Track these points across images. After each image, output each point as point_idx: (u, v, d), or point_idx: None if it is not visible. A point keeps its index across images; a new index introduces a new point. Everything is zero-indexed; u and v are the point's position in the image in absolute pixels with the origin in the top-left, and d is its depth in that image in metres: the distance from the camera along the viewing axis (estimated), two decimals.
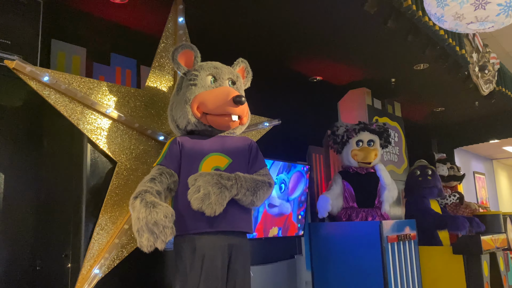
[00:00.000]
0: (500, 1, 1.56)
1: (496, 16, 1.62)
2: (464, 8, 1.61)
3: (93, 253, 1.89)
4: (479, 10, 1.59)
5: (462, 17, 1.66)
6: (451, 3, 1.61)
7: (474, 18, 1.64)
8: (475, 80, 3.41)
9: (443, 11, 1.67)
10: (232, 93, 1.94)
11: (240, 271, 1.92)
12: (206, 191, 1.74)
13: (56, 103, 1.89)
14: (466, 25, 1.71)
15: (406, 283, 3.51)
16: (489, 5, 1.57)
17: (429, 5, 1.76)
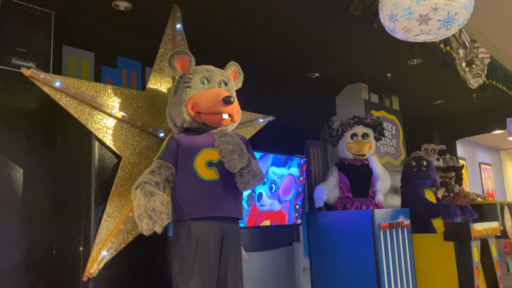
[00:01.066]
0: (440, 17, 1.77)
1: (438, 30, 1.83)
2: (411, 23, 1.82)
3: (101, 237, 2.14)
4: (423, 25, 1.81)
5: (410, 30, 1.87)
6: (400, 19, 1.82)
7: (420, 31, 1.85)
8: (462, 74, 3.56)
9: (394, 25, 1.89)
10: (223, 94, 2.16)
11: (232, 253, 2.15)
12: (234, 148, 1.98)
13: (67, 105, 2.13)
14: (414, 37, 1.93)
15: (398, 268, 3.71)
16: (431, 21, 1.79)
17: (383, 19, 1.97)
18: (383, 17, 1.98)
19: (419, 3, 1.74)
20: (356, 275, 3.59)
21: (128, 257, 2.23)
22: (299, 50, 3.95)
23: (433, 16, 1.77)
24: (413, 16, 1.79)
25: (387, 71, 4.54)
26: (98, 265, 2.09)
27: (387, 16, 1.92)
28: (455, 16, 1.79)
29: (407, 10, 1.78)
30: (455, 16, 1.79)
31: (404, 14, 1.80)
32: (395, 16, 1.85)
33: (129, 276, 2.23)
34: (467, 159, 8.73)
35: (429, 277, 3.96)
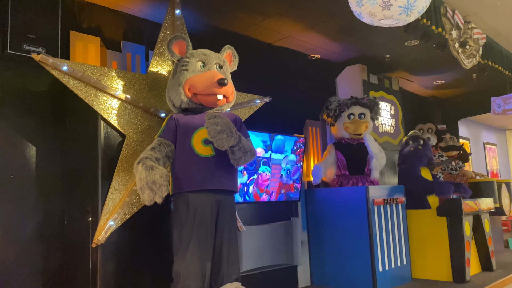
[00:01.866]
0: (401, 3, 1.90)
1: (399, 15, 1.96)
2: (375, 8, 1.95)
3: (108, 209, 2.35)
4: (385, 10, 1.94)
5: (374, 15, 2.00)
6: (366, 4, 1.95)
7: (383, 16, 1.98)
8: (455, 55, 3.66)
9: (360, 9, 2.02)
10: (217, 76, 2.32)
11: (227, 222, 2.35)
12: (222, 128, 2.15)
13: (74, 87, 2.32)
14: (378, 21, 2.06)
15: (392, 242, 3.89)
16: (392, 7, 1.92)
17: (351, 4, 2.10)
18: (350, 2, 2.12)
19: None
20: (351, 247, 3.78)
21: (133, 227, 2.44)
22: (300, 33, 4.07)
23: (394, 2, 1.90)
24: (377, 1, 1.92)
25: (386, 53, 4.65)
26: (106, 234, 2.30)
27: (354, 1, 2.05)
28: (415, 3, 1.92)
29: None
30: (415, 3, 1.92)
31: (369, 0, 1.93)
32: (361, 1, 1.98)
33: (133, 243, 2.44)
34: (471, 139, 8.78)
35: (423, 250, 4.13)
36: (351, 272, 3.78)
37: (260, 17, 3.67)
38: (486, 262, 4.39)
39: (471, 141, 8.78)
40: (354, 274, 3.75)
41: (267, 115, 3.73)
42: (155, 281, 2.48)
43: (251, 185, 3.42)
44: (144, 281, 2.46)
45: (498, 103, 4.06)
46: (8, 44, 2.52)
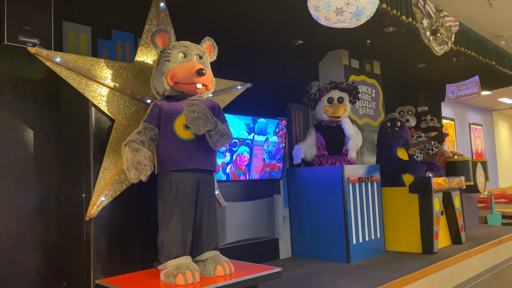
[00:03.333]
0: (351, 10, 2.16)
1: (350, 20, 2.23)
2: (330, 14, 2.22)
3: (100, 186, 2.61)
4: (339, 16, 2.20)
5: (329, 19, 2.26)
6: (322, 10, 2.21)
7: (337, 20, 2.23)
8: (426, 42, 3.88)
9: (318, 14, 2.27)
10: (197, 67, 2.56)
11: (206, 197, 2.62)
12: (198, 115, 2.39)
13: (67, 77, 2.55)
14: (333, 24, 2.31)
15: (366, 217, 4.21)
16: (345, 13, 2.18)
17: (310, 9, 2.35)
18: (310, 6, 2.37)
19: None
20: (328, 222, 4.10)
21: (122, 202, 2.71)
22: (284, 19, 4.26)
23: (346, 9, 2.16)
24: (331, 8, 2.18)
25: (367, 38, 4.85)
26: (98, 208, 2.57)
27: (312, 7, 2.31)
28: (363, 10, 2.18)
29: (327, 3, 2.17)
30: (363, 10, 2.18)
31: (325, 6, 2.19)
32: (318, 7, 2.24)
33: (123, 217, 2.72)
34: (456, 120, 9.06)
35: (396, 225, 4.46)
36: (328, 244, 4.11)
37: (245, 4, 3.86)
38: (455, 235, 4.73)
39: (456, 122, 9.05)
40: (331, 246, 4.08)
41: (251, 99, 3.98)
42: (143, 250, 2.77)
43: (229, 165, 3.70)
44: (133, 250, 2.75)
45: (452, 89, 4.32)
46: (5, 36, 2.74)
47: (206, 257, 2.58)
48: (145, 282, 2.43)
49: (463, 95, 4.30)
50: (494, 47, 5.50)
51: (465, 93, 4.28)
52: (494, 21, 4.78)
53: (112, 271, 2.63)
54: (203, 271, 2.53)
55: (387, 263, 3.88)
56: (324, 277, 3.44)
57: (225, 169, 3.68)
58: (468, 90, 4.25)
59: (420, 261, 3.90)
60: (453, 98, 4.42)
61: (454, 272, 4.04)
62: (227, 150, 3.65)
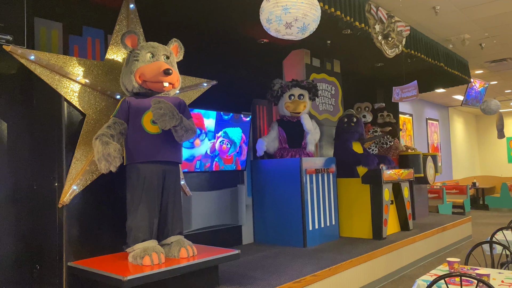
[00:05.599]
0: (298, 25, 2.47)
1: (297, 33, 2.54)
2: (280, 27, 2.51)
3: (71, 176, 2.82)
4: (288, 29, 2.50)
5: (279, 31, 2.56)
6: (273, 23, 2.50)
7: (286, 33, 2.53)
8: (378, 46, 4.24)
9: (269, 26, 2.56)
10: (164, 66, 2.79)
11: (171, 187, 2.87)
12: (165, 112, 2.62)
13: (40, 74, 2.73)
14: (281, 35, 2.61)
15: (322, 205, 4.56)
16: (293, 27, 2.49)
17: (262, 21, 2.64)
18: (262, 19, 2.66)
19: (286, 14, 2.42)
20: (287, 210, 4.43)
21: (93, 191, 2.92)
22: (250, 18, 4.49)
23: (294, 24, 2.45)
24: (282, 22, 2.47)
25: (327, 39, 5.16)
26: (70, 196, 2.78)
27: (265, 19, 2.60)
28: (308, 26, 2.50)
29: (278, 17, 2.46)
30: (308, 26, 2.49)
31: (276, 20, 2.48)
32: (270, 20, 2.52)
33: (94, 204, 2.94)
34: (414, 115, 9.59)
35: (350, 213, 4.84)
36: (287, 230, 4.43)
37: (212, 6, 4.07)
38: (404, 223, 5.16)
39: (414, 117, 9.58)
40: (289, 232, 4.41)
41: (218, 95, 4.23)
42: (112, 235, 2.99)
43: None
44: (103, 235, 2.97)
45: (397, 91, 4.74)
46: None
47: (171, 241, 2.84)
48: (114, 264, 2.66)
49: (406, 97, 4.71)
50: (443, 50, 5.95)
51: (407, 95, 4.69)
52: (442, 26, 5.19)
53: (83, 254, 2.85)
54: (168, 254, 2.79)
55: (339, 247, 4.24)
56: (282, 260, 3.76)
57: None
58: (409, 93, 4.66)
59: (370, 245, 4.28)
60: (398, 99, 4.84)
61: (400, 255, 4.46)
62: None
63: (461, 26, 5.26)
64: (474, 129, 13.47)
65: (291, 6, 2.37)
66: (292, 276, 3.18)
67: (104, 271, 2.45)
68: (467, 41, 5.46)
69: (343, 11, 3.76)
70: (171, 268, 2.55)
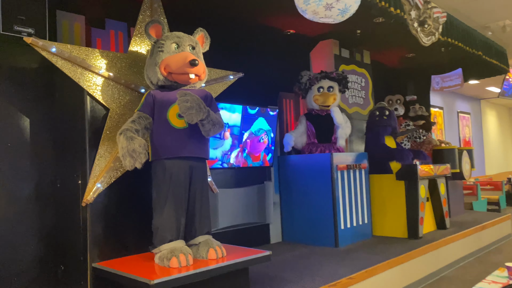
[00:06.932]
0: (340, 7, 2.25)
1: (336, 16, 2.32)
2: (319, 8, 2.30)
3: (95, 173, 2.70)
4: (327, 11, 2.28)
5: (317, 13, 2.34)
6: (312, 3, 2.29)
7: (324, 15, 2.32)
8: (414, 33, 3.98)
9: (306, 7, 2.35)
10: (189, 57, 2.63)
11: (198, 184, 2.72)
12: (192, 105, 2.48)
13: (62, 67, 2.62)
14: (318, 18, 2.39)
15: (354, 203, 4.34)
16: (333, 9, 2.26)
17: (297, 1, 2.42)
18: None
19: None
20: (317, 208, 4.23)
21: (118, 188, 2.80)
22: (275, 8, 4.32)
23: (336, 5, 2.25)
24: (322, 3, 2.26)
25: (357, 28, 4.92)
26: (94, 194, 2.66)
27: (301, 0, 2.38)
28: (350, 8, 2.29)
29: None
30: (350, 7, 2.28)
31: (315, 0, 2.26)
32: (308, 0, 2.31)
33: (119, 203, 2.82)
34: (445, 108, 9.21)
35: (383, 211, 4.60)
36: (317, 229, 4.24)
37: None
38: (440, 221, 4.89)
39: (445, 110, 9.20)
40: (320, 231, 4.22)
41: (243, 88, 4.06)
42: (138, 235, 2.87)
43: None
44: (128, 235, 2.85)
45: (437, 80, 4.45)
46: (1, 26, 2.78)
47: (199, 241, 2.69)
48: (140, 265, 2.54)
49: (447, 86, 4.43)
50: (481, 38, 5.62)
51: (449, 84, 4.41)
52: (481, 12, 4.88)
53: (108, 255, 2.73)
54: (196, 255, 2.64)
55: (373, 247, 4.03)
56: (313, 260, 3.58)
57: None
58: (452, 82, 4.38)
59: (405, 245, 4.05)
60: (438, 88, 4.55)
61: (438, 256, 4.21)
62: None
63: (502, 11, 4.93)
64: (508, 123, 12.91)
65: None
66: (327, 278, 2.99)
67: (130, 274, 2.32)
68: (508, 27, 5.12)
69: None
70: (200, 271, 2.40)
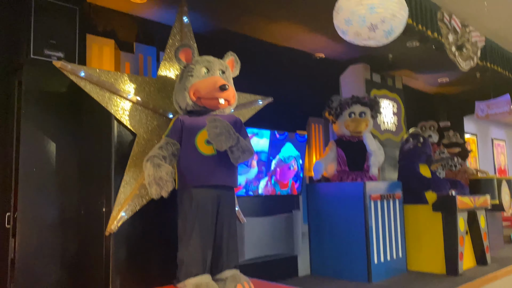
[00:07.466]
0: (385, 28, 2.10)
1: (380, 38, 2.18)
2: (362, 29, 2.15)
3: (120, 201, 2.59)
4: (371, 32, 2.14)
5: (360, 35, 2.20)
6: (355, 24, 2.15)
7: (367, 37, 2.17)
8: (452, 58, 3.80)
9: (348, 28, 2.22)
10: (220, 82, 2.53)
11: (226, 214, 2.58)
12: (221, 131, 2.37)
13: (90, 91, 2.56)
14: (361, 40, 2.25)
15: (388, 235, 4.09)
16: (378, 30, 2.12)
17: (338, 21, 2.29)
18: (338, 19, 2.32)
19: (372, 14, 2.06)
20: (349, 240, 4.00)
21: (142, 217, 2.68)
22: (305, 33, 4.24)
23: (381, 26, 2.10)
24: (365, 24, 2.12)
25: (388, 52, 4.78)
26: (118, 223, 2.55)
27: (343, 20, 2.25)
28: (395, 29, 2.14)
29: (361, 18, 2.11)
30: (395, 29, 2.13)
31: (359, 20, 2.13)
32: (351, 21, 2.18)
33: (143, 232, 2.69)
34: (479, 135, 8.85)
35: (418, 244, 4.33)
36: (348, 263, 4.00)
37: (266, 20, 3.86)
38: (480, 256, 4.56)
39: (478, 137, 8.85)
40: (351, 265, 3.97)
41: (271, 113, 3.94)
42: (162, 266, 2.73)
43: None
44: (152, 265, 2.72)
45: (482, 108, 4.22)
46: (31, 50, 2.77)
47: (226, 276, 2.52)
48: None
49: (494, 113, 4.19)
50: None
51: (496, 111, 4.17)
52: None
53: (130, 286, 2.60)
54: None
55: (409, 284, 3.75)
56: None
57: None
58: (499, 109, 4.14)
59: (445, 282, 3.76)
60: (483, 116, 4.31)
61: None
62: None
63: None
64: None
65: (378, 4, 2.03)
66: None
67: None
68: None
69: (415, 19, 3.39)
70: None
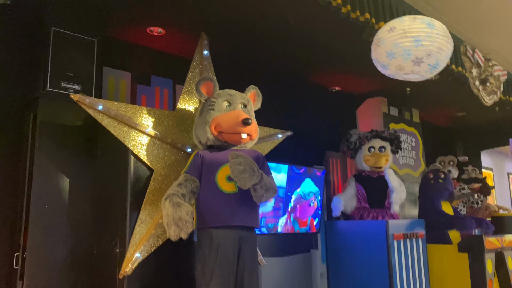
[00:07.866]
0: (430, 62, 2.00)
1: (425, 72, 2.07)
2: (406, 63, 2.05)
3: (135, 241, 2.44)
4: (415, 66, 2.04)
5: (402, 69, 2.09)
6: (398, 57, 2.05)
7: (411, 71, 2.07)
8: (476, 92, 3.70)
9: (390, 61, 2.11)
10: (242, 116, 2.43)
11: (248, 257, 2.41)
12: (245, 168, 2.23)
13: (108, 125, 2.46)
14: (403, 74, 2.14)
15: (412, 277, 3.86)
16: (423, 64, 2.01)
17: (378, 54, 2.19)
18: (379, 52, 2.21)
19: (418, 47, 1.96)
20: (370, 281, 3.77)
21: (158, 259, 2.52)
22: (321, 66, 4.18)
23: (426, 60, 2.00)
24: (410, 57, 2.02)
25: (406, 85, 4.69)
26: (132, 265, 2.39)
27: (384, 53, 2.14)
28: (440, 63, 2.03)
29: (406, 51, 2.01)
30: (440, 63, 2.03)
31: (403, 53, 2.03)
32: (393, 54, 2.08)
33: (158, 275, 2.53)
34: (495, 170, 8.66)
35: (443, 287, 4.09)
36: None
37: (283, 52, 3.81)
38: None
39: (494, 171, 8.65)
40: None
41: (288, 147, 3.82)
42: None
43: None
44: None
45: None
46: (48, 82, 2.70)
47: None
48: None
49: None
50: None
51: None
52: None
53: None
54: None
55: None
56: None
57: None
58: None
59: None
60: None
61: None
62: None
63: None
64: None
65: (424, 37, 1.93)
66: None
67: None
68: None
69: None
70: None
